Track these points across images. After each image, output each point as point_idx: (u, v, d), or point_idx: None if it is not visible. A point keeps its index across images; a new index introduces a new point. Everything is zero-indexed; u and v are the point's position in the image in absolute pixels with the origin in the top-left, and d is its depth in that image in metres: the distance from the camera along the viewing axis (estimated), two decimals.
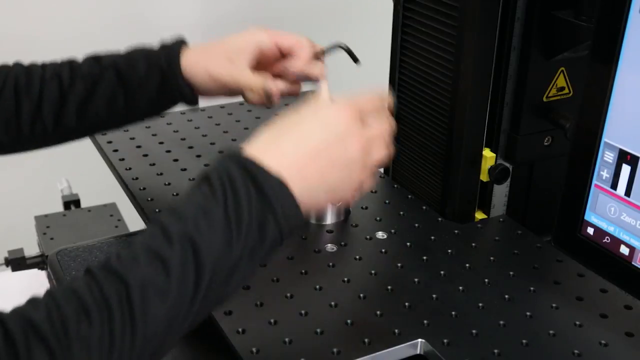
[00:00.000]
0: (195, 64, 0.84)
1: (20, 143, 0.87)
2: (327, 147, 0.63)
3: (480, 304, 0.74)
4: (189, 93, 0.85)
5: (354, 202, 0.76)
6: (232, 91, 0.84)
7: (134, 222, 1.12)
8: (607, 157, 0.68)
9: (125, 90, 0.85)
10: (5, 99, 0.85)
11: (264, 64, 0.85)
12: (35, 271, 1.16)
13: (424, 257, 0.82)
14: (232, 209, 0.57)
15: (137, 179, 0.97)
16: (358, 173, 0.65)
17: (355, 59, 0.85)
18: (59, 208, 1.35)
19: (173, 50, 0.85)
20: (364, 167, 0.65)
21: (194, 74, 0.84)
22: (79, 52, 0.89)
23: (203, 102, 0.89)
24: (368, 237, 0.86)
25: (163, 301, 0.55)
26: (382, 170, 1.02)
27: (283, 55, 0.85)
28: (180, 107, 0.89)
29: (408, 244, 0.85)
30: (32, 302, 0.54)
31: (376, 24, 1.41)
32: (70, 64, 0.86)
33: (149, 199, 0.91)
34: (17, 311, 0.53)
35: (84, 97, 0.85)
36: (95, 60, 0.87)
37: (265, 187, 0.58)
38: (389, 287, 0.76)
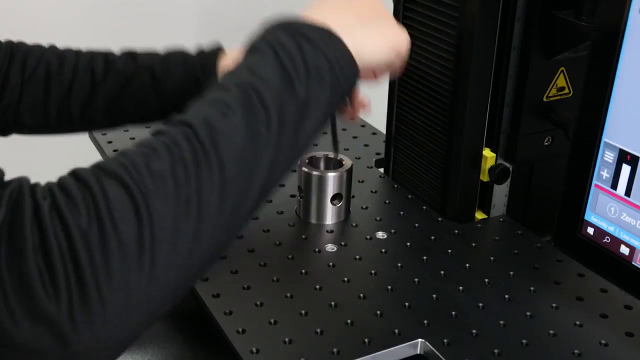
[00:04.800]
0: None
1: (43, 127, 0.86)
2: (362, 6, 0.68)
3: (480, 304, 0.74)
4: None
5: (397, 67, 0.72)
6: None
7: None
8: (607, 157, 0.68)
9: (158, 94, 0.84)
10: (36, 84, 0.83)
11: None
12: None
13: (424, 257, 0.82)
14: (285, 58, 0.58)
15: None
16: (391, 28, 0.69)
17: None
18: None
19: (210, 58, 0.83)
20: (395, 24, 0.69)
21: None
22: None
23: None
24: (368, 237, 0.86)
25: (233, 139, 0.53)
26: (382, 170, 1.02)
27: None
28: None
29: (408, 244, 0.85)
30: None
31: None
32: (106, 57, 0.85)
33: None
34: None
35: (114, 94, 0.84)
36: (131, 58, 0.85)
37: (311, 36, 0.60)
38: (389, 287, 0.76)
